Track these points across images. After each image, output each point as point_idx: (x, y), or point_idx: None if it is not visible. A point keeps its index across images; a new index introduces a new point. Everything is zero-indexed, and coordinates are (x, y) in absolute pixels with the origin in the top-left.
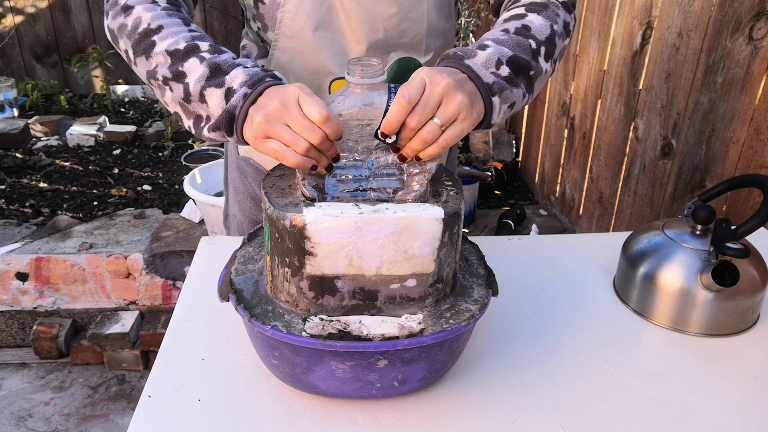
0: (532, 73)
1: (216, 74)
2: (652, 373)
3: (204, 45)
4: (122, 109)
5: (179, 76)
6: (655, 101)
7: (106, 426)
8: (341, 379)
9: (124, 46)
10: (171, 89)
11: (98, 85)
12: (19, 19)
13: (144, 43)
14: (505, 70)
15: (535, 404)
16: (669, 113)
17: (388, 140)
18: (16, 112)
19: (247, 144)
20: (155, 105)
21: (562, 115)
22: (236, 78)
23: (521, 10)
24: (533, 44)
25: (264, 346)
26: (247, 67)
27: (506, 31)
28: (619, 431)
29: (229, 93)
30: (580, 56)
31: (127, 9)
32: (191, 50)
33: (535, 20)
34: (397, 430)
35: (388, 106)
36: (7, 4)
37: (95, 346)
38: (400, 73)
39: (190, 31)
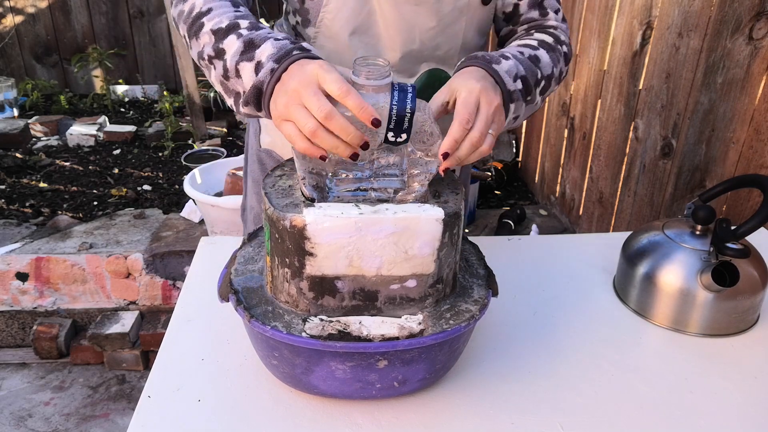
0: (529, 98)
1: (249, 48)
2: (652, 373)
3: (244, 23)
4: (122, 109)
5: (220, 54)
6: (655, 101)
7: (106, 426)
8: (341, 380)
9: (182, 31)
10: (214, 67)
11: (98, 85)
12: (19, 19)
13: (195, 25)
14: (519, 84)
15: (535, 404)
16: (669, 113)
17: (399, 139)
18: (16, 112)
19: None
20: (155, 105)
21: (562, 115)
22: (265, 51)
23: (534, 43)
24: (538, 75)
25: (264, 346)
26: (277, 39)
27: (522, 53)
28: (619, 431)
29: (258, 67)
30: (580, 56)
31: None
32: (232, 28)
33: (543, 57)
34: (396, 431)
35: (392, 106)
36: (7, 4)
37: (95, 346)
38: (429, 83)
39: (236, 11)
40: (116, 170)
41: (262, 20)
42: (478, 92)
